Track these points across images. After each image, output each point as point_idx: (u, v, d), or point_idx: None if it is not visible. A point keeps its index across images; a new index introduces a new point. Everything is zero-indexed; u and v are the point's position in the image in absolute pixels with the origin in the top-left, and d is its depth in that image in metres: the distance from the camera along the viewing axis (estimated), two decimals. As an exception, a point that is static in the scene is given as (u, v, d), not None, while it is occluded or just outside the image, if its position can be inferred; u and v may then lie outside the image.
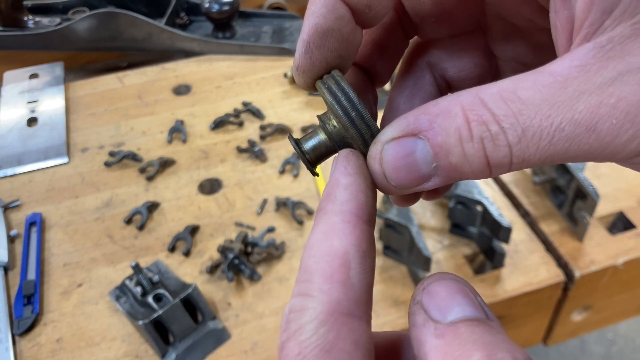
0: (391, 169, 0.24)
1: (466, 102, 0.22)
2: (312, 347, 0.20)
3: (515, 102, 0.21)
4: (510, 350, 0.19)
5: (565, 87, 0.21)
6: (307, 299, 0.21)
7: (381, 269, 0.78)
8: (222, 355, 0.70)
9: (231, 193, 0.90)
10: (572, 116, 0.21)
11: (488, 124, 0.22)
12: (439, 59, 0.32)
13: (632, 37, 0.20)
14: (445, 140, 0.22)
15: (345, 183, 0.24)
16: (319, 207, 0.24)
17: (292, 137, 0.29)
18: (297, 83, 0.28)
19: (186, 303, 0.70)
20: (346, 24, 0.26)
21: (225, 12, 1.18)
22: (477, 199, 0.76)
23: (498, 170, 0.23)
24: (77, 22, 1.16)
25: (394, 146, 0.24)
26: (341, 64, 0.27)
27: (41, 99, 1.10)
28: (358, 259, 0.22)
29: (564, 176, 0.82)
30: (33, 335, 0.72)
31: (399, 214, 0.74)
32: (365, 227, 0.23)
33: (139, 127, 1.04)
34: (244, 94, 1.10)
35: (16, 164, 0.97)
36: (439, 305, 0.21)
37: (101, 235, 0.84)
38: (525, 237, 0.81)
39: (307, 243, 0.23)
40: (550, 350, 1.76)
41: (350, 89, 0.26)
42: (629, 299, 0.89)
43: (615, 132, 0.20)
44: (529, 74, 0.22)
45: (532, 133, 0.21)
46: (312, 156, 0.28)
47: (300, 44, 0.26)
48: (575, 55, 0.21)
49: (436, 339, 0.20)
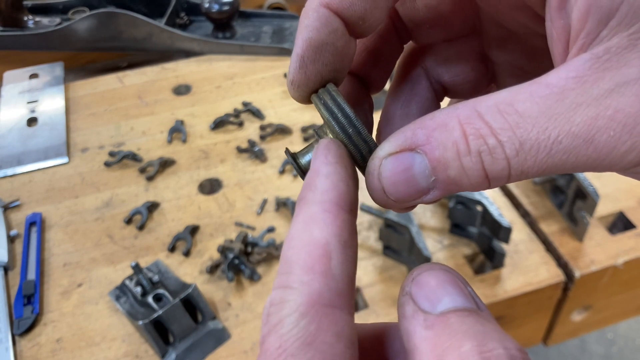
0: (390, 184, 0.24)
1: (463, 115, 0.22)
2: (293, 340, 0.19)
3: (512, 114, 0.21)
4: (501, 340, 0.19)
5: (562, 99, 0.21)
6: (288, 291, 0.21)
7: (381, 269, 0.78)
8: (222, 355, 0.70)
9: (231, 193, 0.90)
10: (569, 128, 0.21)
11: (485, 137, 0.22)
12: (435, 64, 0.32)
13: (629, 48, 0.20)
14: (443, 155, 0.22)
15: (325, 172, 0.24)
16: (300, 196, 0.24)
17: (289, 152, 0.28)
18: (292, 97, 0.27)
19: (186, 303, 0.70)
20: (340, 37, 0.25)
21: (225, 12, 1.18)
22: (477, 199, 0.76)
23: (496, 183, 0.23)
24: (77, 22, 1.16)
25: (392, 161, 0.24)
26: (336, 76, 0.27)
27: (41, 99, 1.10)
28: (339, 249, 0.21)
29: (564, 176, 0.82)
30: (33, 335, 0.72)
31: (398, 214, 0.74)
32: (347, 216, 0.23)
33: (139, 127, 1.04)
34: (244, 94, 1.10)
35: (16, 164, 0.97)
36: (428, 295, 0.21)
37: (101, 235, 0.84)
38: (525, 237, 0.81)
39: (288, 234, 0.22)
40: (550, 350, 1.76)
41: (347, 105, 0.26)
42: (629, 299, 0.89)
43: (613, 144, 0.20)
44: (526, 85, 0.22)
45: (529, 146, 0.21)
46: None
47: (294, 59, 0.26)
48: (572, 66, 0.21)
49: (425, 330, 0.20)
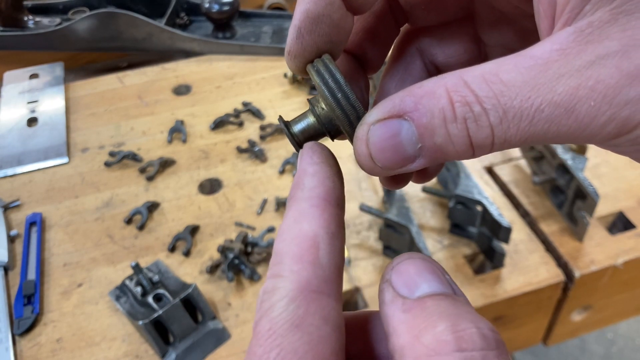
0: (377, 150, 0.25)
1: (450, 83, 0.23)
2: (282, 322, 0.20)
3: (497, 84, 0.22)
4: (474, 321, 0.20)
5: (546, 70, 0.21)
6: (279, 279, 0.22)
7: (381, 269, 0.78)
8: (222, 355, 0.70)
9: (231, 193, 0.90)
10: (551, 98, 0.21)
11: (471, 104, 0.22)
12: (429, 46, 0.33)
13: (610, 22, 0.21)
14: (430, 121, 0.23)
15: (312, 171, 0.25)
16: (289, 195, 0.25)
17: (282, 119, 0.29)
18: (288, 67, 0.28)
19: (186, 303, 0.70)
20: (336, 10, 0.26)
21: (225, 12, 1.18)
22: (477, 199, 0.76)
23: (480, 151, 0.23)
24: (77, 22, 1.16)
25: (379, 127, 0.24)
26: (332, 49, 0.28)
27: (41, 99, 1.10)
28: (327, 240, 0.23)
29: (564, 176, 0.82)
30: (33, 335, 0.72)
31: (399, 214, 0.74)
32: (334, 210, 0.24)
33: (139, 127, 1.04)
34: (244, 94, 1.10)
35: (16, 164, 0.97)
36: (406, 282, 0.22)
37: (101, 235, 0.84)
38: (525, 237, 0.81)
39: (279, 229, 0.24)
40: (550, 350, 1.76)
41: (338, 71, 0.27)
42: (629, 299, 0.89)
43: (593, 114, 0.21)
44: (512, 57, 0.22)
45: (512, 114, 0.22)
46: (300, 138, 0.29)
47: (292, 29, 0.26)
48: (556, 39, 0.22)
49: (403, 314, 0.21)
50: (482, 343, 0.19)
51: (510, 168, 0.92)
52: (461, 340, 0.19)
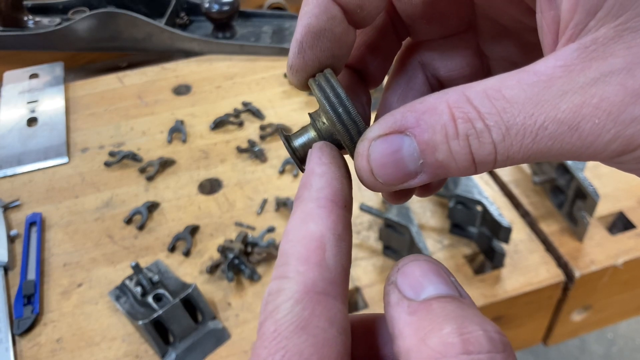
0: (378, 166, 0.24)
1: (452, 99, 0.22)
2: (288, 324, 0.20)
3: (500, 100, 0.22)
4: (480, 323, 0.20)
5: (549, 87, 0.21)
6: (284, 280, 0.21)
7: (381, 269, 0.78)
8: (222, 355, 0.70)
9: (231, 193, 0.90)
10: (555, 115, 0.21)
11: (473, 121, 0.22)
12: (431, 59, 0.33)
13: (615, 39, 0.21)
14: (432, 137, 0.23)
15: (320, 172, 0.25)
16: (296, 195, 0.25)
17: (282, 134, 0.29)
18: (290, 82, 0.28)
19: (186, 303, 0.70)
20: (338, 24, 0.26)
21: (225, 12, 1.18)
22: (477, 199, 0.76)
23: (483, 168, 0.23)
24: (77, 22, 1.16)
25: (381, 143, 0.24)
26: (334, 63, 0.27)
27: (41, 99, 1.10)
28: (333, 241, 0.22)
29: (564, 176, 0.82)
30: (33, 335, 0.72)
31: (399, 214, 0.74)
32: (341, 212, 0.24)
33: (139, 127, 1.04)
34: (244, 94, 1.10)
35: (16, 164, 0.97)
36: (412, 284, 0.22)
37: (101, 235, 0.84)
38: (525, 237, 0.81)
39: (285, 229, 0.23)
40: (550, 350, 1.76)
41: (339, 86, 0.26)
42: (629, 299, 0.89)
43: (597, 132, 0.21)
44: (514, 73, 0.22)
45: (515, 131, 0.21)
46: (301, 153, 0.29)
47: (294, 44, 0.26)
48: (560, 55, 0.22)
49: (409, 316, 0.21)
50: (488, 345, 0.19)
51: (510, 168, 0.92)
52: (468, 343, 0.19)
